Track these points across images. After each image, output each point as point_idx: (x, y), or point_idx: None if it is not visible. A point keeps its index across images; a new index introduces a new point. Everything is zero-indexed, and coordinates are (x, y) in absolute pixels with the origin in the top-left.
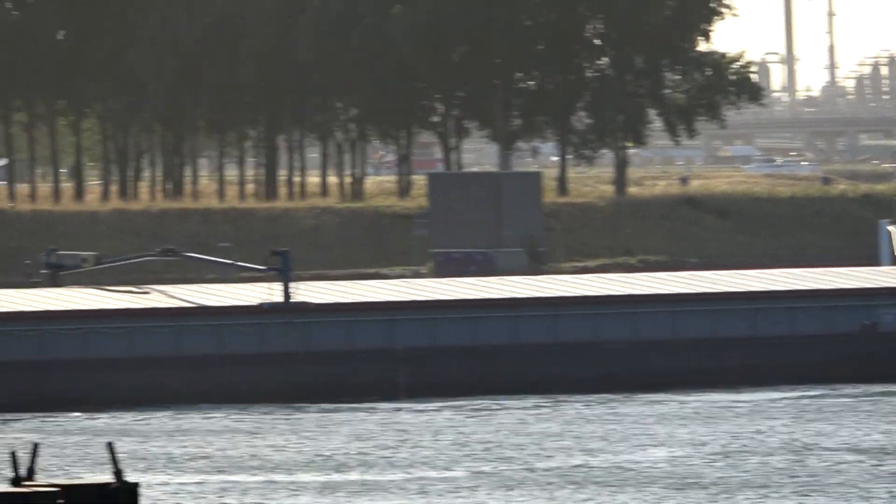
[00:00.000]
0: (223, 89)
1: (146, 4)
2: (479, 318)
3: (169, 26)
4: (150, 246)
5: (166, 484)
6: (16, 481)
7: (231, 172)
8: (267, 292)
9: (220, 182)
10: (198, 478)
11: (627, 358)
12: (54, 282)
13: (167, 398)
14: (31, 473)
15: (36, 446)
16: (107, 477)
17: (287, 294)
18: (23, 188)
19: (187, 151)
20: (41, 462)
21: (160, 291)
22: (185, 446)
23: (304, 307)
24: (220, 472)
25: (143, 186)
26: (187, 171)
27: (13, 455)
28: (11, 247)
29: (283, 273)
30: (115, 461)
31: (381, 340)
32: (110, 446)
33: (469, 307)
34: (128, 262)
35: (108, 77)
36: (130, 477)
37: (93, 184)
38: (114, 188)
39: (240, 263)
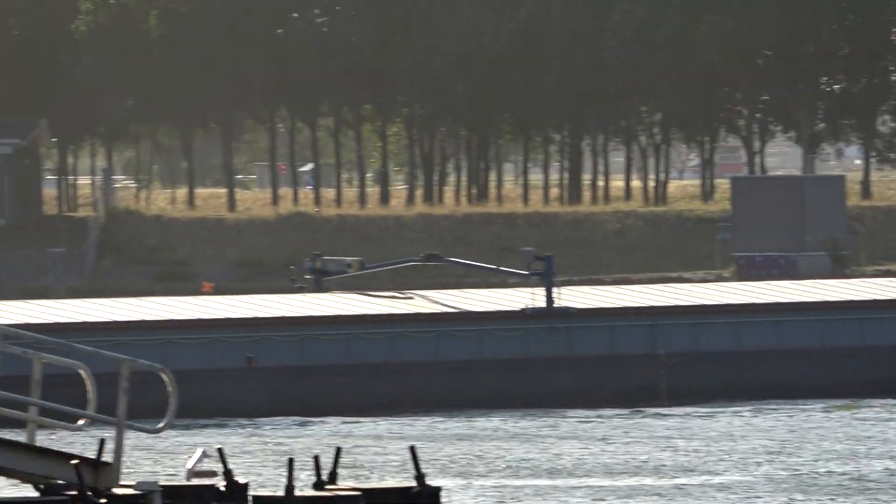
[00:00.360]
0: (528, 94)
1: (452, 10)
2: (742, 322)
3: (475, 32)
4: (456, 251)
5: (467, 488)
6: (318, 485)
7: (535, 176)
8: (530, 297)
9: (524, 186)
10: (493, 482)
11: None
12: (318, 287)
13: (427, 404)
14: (333, 477)
15: (339, 450)
16: (408, 481)
17: (550, 299)
18: (328, 193)
19: (492, 156)
20: (342, 466)
21: (422, 296)
22: (475, 450)
23: (567, 312)
24: (516, 475)
25: (448, 191)
26: (492, 176)
27: (316, 459)
28: (317, 251)
29: (546, 278)
30: (416, 465)
31: (643, 345)
32: (413, 450)
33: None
34: (392, 267)
35: (414, 82)
36: (431, 481)
37: (398, 188)
38: (418, 192)
39: (503, 269)
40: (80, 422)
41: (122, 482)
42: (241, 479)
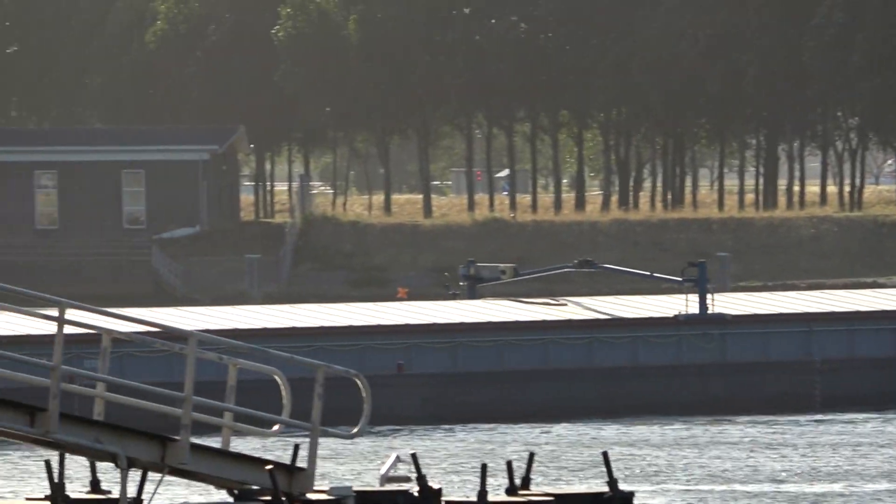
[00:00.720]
0: (725, 99)
1: (650, 15)
2: None
3: (673, 36)
4: (650, 256)
5: (657, 494)
6: (511, 490)
7: (731, 182)
8: (683, 304)
9: (719, 192)
10: (680, 487)
11: None
12: (472, 294)
13: (579, 411)
14: (526, 482)
15: (532, 455)
16: (600, 486)
17: (703, 305)
18: (524, 199)
19: (688, 161)
20: (534, 471)
21: (576, 303)
22: (653, 457)
23: (721, 318)
24: (701, 482)
25: (643, 196)
26: (687, 181)
27: (508, 464)
28: (513, 257)
29: (700, 284)
30: (609, 470)
31: (798, 352)
32: (605, 455)
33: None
34: (546, 273)
35: (610, 87)
36: (622, 486)
37: (593, 194)
38: (613, 198)
39: (657, 275)
40: (275, 427)
41: (315, 487)
42: (434, 485)
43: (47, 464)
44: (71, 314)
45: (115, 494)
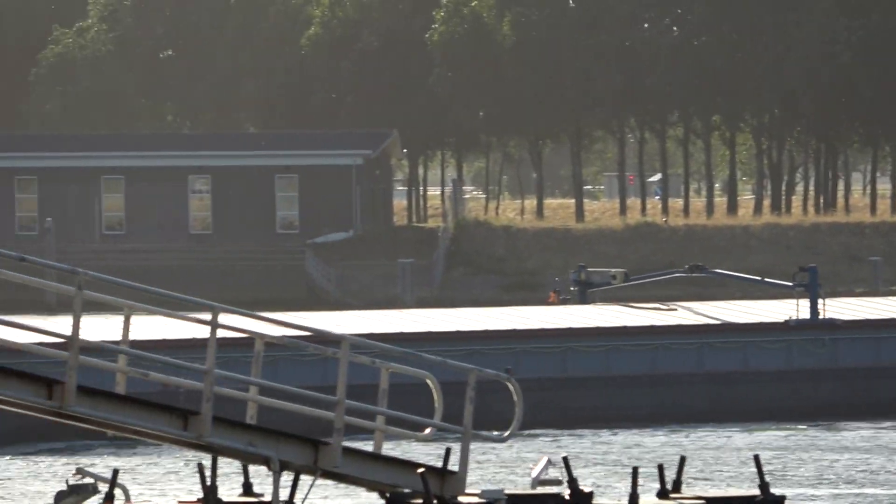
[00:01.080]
0: (878, 102)
1: (803, 18)
2: None
3: (826, 39)
4: (802, 260)
5: (806, 499)
6: (662, 494)
7: (883, 186)
8: (794, 309)
9: (872, 196)
10: (826, 491)
11: None
12: (583, 299)
13: (687, 415)
14: (677, 486)
15: (683, 459)
16: (752, 490)
17: (814, 310)
18: (676, 203)
19: (840, 165)
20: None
21: (686, 308)
22: (796, 460)
23: (832, 324)
24: (850, 485)
25: (796, 200)
26: (840, 185)
27: (660, 468)
28: (664, 261)
29: (811, 289)
30: (760, 474)
31: None
32: (757, 459)
33: None
34: (657, 278)
35: (763, 92)
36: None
37: (745, 198)
38: (766, 202)
39: (768, 280)
40: (426, 430)
41: (466, 491)
42: (585, 488)
43: (200, 467)
44: (224, 318)
45: (268, 497)
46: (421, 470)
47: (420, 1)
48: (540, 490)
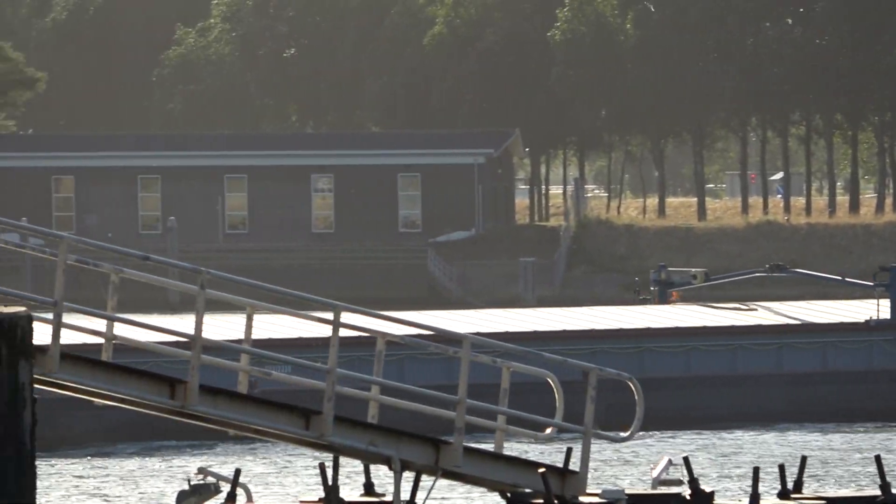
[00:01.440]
0: None
1: None
2: None
3: None
4: None
5: None
6: (783, 494)
7: None
8: (875, 309)
9: None
10: None
11: None
12: (663, 299)
13: (768, 416)
14: (798, 486)
15: (804, 459)
16: (873, 490)
17: (895, 311)
18: (798, 202)
19: None
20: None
21: (766, 308)
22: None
23: None
24: None
25: None
26: None
27: (781, 468)
28: (786, 260)
29: (892, 289)
30: (882, 474)
31: None
32: (878, 459)
33: None
34: (738, 278)
35: (886, 90)
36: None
37: (868, 196)
38: (888, 201)
39: (848, 279)
40: (548, 430)
41: (587, 490)
42: (706, 488)
43: (321, 466)
44: (346, 317)
45: (389, 497)
46: (542, 469)
47: (542, 0)
48: (661, 490)
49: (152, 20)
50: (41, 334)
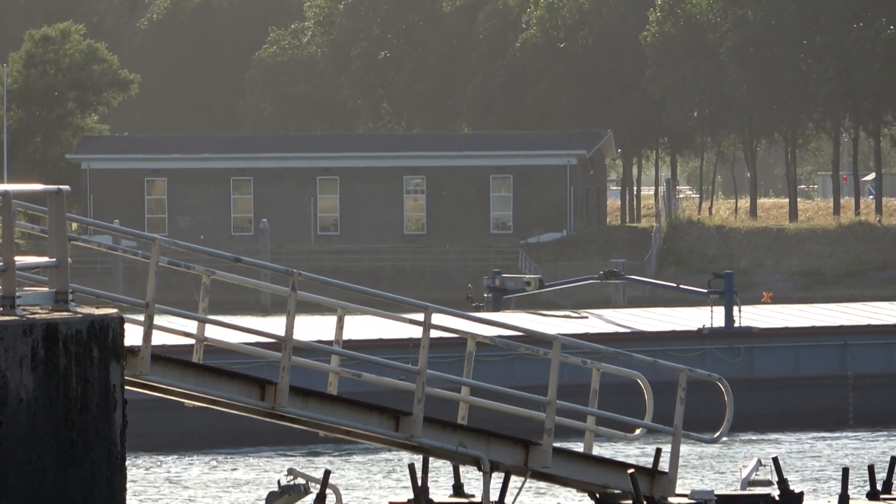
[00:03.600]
0: None
1: None
2: None
3: None
4: None
5: None
6: (872, 495)
7: None
8: (709, 317)
9: None
10: None
11: None
12: (497, 306)
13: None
14: (888, 487)
15: (894, 460)
16: None
17: (730, 318)
18: (890, 202)
19: None
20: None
21: (598, 316)
22: None
23: (748, 332)
24: None
25: None
26: None
27: (870, 468)
28: (878, 261)
29: (727, 296)
30: None
31: (832, 366)
32: None
33: None
34: (570, 285)
35: None
36: None
37: None
38: None
39: (683, 287)
40: (637, 431)
41: (676, 491)
42: (795, 489)
43: (411, 467)
44: (437, 319)
45: (478, 498)
46: (631, 470)
47: (633, 1)
48: (750, 491)
49: (245, 22)
50: (132, 336)
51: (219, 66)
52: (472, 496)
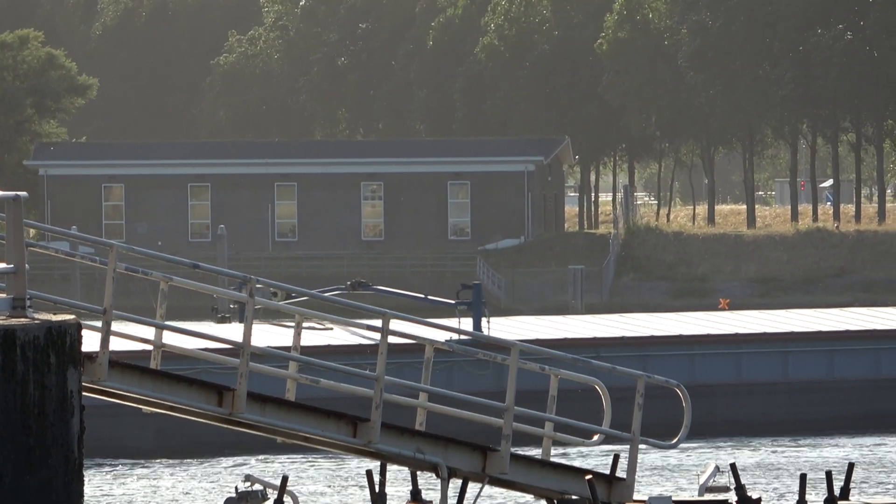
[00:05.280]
0: None
1: None
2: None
3: None
4: None
5: None
6: (830, 501)
7: None
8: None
9: None
10: None
11: None
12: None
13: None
14: (845, 493)
15: (851, 466)
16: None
17: (478, 329)
18: (847, 209)
19: None
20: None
21: (348, 329)
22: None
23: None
24: None
25: None
26: None
27: (828, 475)
28: (835, 267)
29: (475, 307)
30: None
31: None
32: None
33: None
34: (324, 294)
35: None
36: None
37: None
38: None
39: (431, 297)
40: (595, 437)
41: (634, 497)
42: (752, 495)
43: (369, 474)
44: (394, 325)
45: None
46: (589, 477)
47: (592, 8)
48: (707, 497)
49: (201, 28)
50: (90, 342)
51: (175, 71)
52: (430, 502)
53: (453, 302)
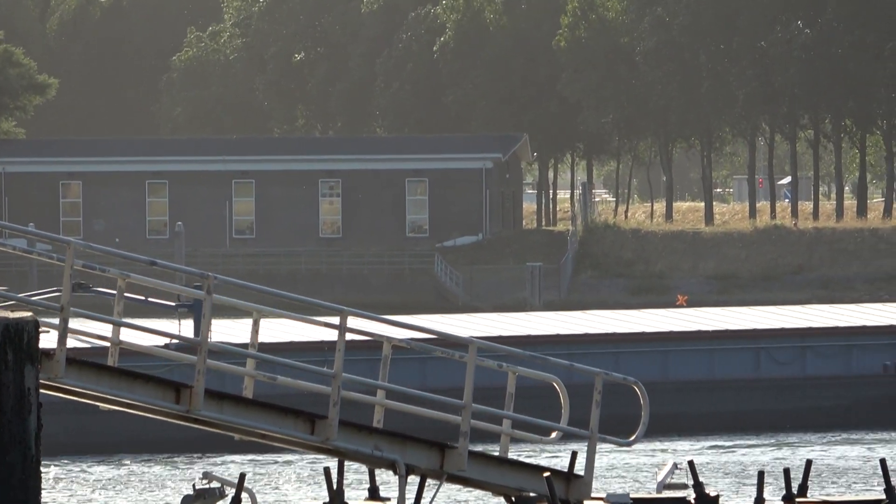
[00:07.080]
0: None
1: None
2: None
3: None
4: None
5: None
6: (788, 498)
7: None
8: (177, 330)
9: None
10: None
11: None
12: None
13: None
14: (803, 490)
15: (809, 463)
16: (876, 494)
17: (198, 332)
18: (806, 206)
19: None
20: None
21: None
22: None
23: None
24: None
25: None
26: None
27: (786, 472)
28: (793, 264)
29: (195, 310)
30: (887, 478)
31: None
32: (883, 463)
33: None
34: (36, 297)
35: (894, 94)
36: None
37: (875, 201)
38: None
39: (153, 300)
40: (553, 434)
41: (592, 495)
42: (710, 492)
43: (326, 471)
44: (352, 322)
45: (394, 501)
46: (547, 474)
47: (549, 5)
48: (666, 494)
49: (161, 24)
50: (47, 339)
51: (133, 68)
52: (388, 499)
53: (173, 304)
